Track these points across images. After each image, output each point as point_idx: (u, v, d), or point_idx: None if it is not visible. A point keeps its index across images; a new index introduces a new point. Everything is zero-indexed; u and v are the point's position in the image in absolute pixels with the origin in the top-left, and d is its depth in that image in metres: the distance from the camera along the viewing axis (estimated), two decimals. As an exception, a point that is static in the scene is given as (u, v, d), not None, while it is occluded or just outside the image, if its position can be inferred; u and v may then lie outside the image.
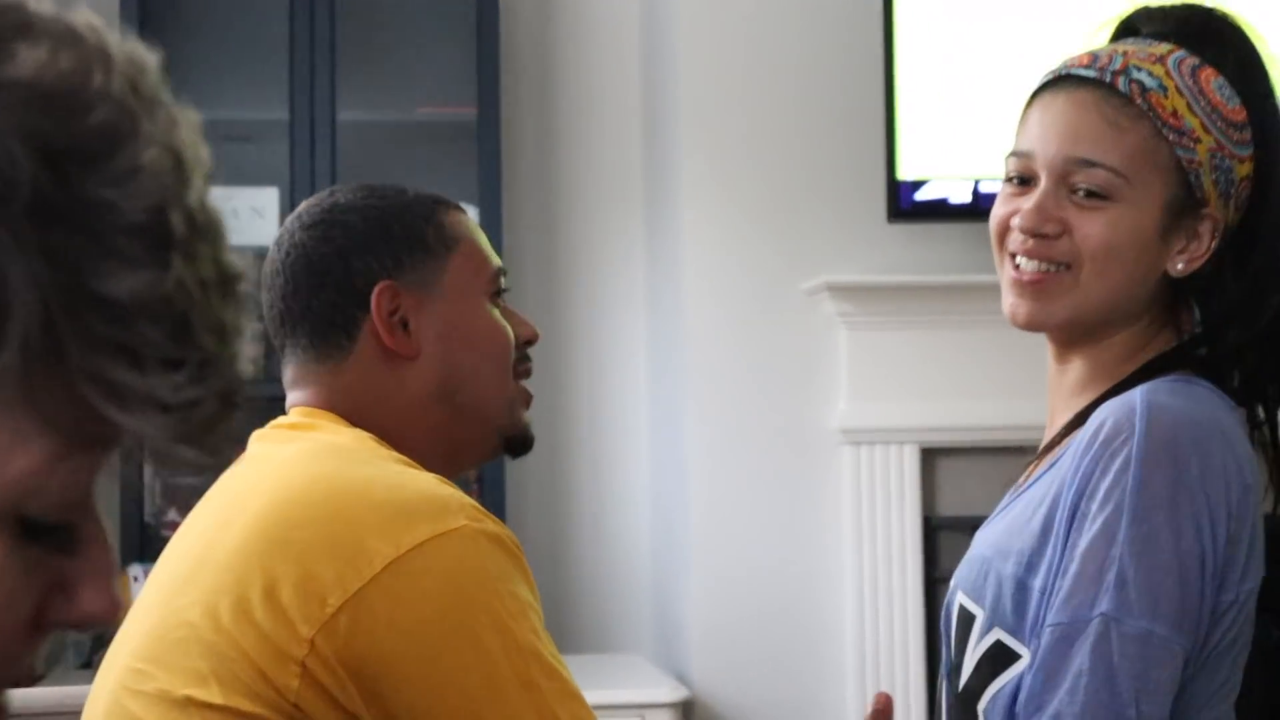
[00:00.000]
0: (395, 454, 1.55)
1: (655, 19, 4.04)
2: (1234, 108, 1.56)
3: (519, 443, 1.68)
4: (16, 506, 0.57)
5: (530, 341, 1.72)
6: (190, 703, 1.40)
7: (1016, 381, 2.28)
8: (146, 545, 3.67)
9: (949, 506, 3.67)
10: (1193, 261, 1.54)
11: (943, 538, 3.64)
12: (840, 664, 3.66)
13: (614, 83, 4.21)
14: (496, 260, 1.69)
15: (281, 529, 1.41)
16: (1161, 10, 1.63)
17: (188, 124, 0.60)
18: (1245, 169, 1.56)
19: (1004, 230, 1.58)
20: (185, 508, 3.71)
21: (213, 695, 1.38)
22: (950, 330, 3.57)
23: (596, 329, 4.18)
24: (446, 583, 1.39)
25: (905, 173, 3.59)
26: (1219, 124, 1.55)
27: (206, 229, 0.59)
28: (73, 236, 0.55)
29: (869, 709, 1.65)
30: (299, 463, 1.52)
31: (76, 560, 0.60)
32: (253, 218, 3.76)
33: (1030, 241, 1.54)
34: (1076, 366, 1.60)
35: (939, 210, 3.61)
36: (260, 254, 3.58)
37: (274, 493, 1.47)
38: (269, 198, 3.81)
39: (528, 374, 1.70)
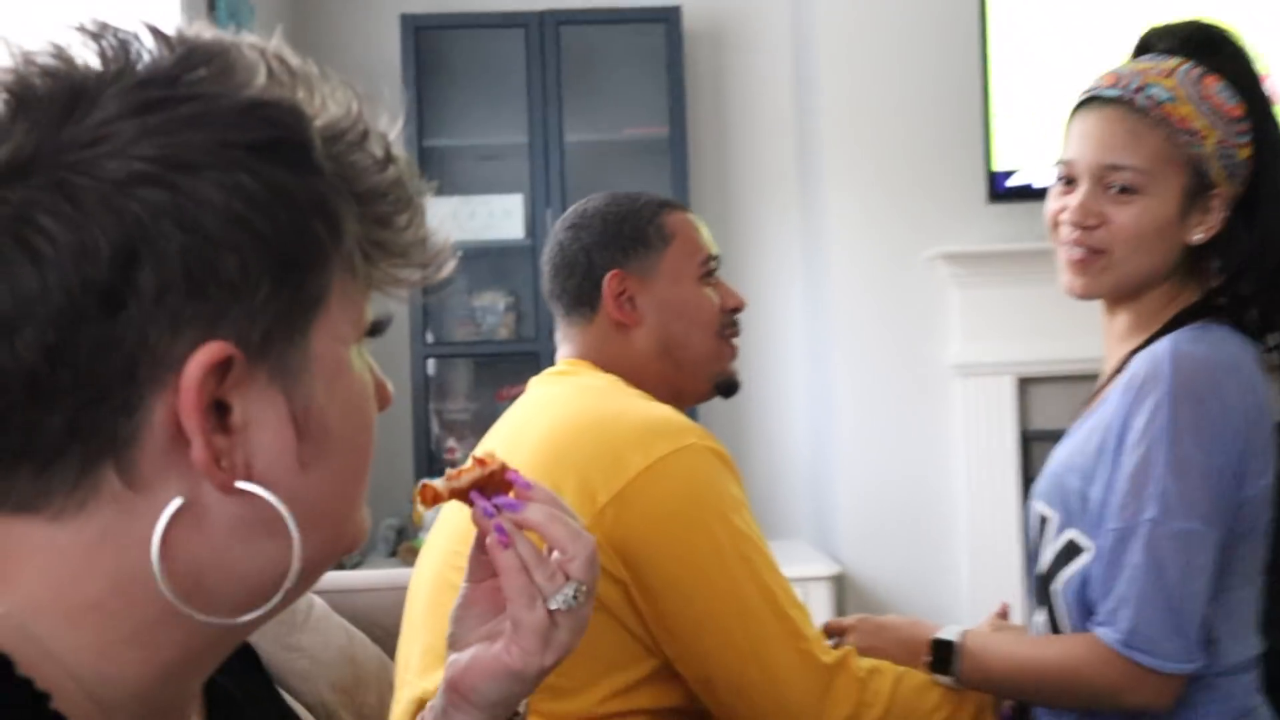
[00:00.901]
0: (638, 391, 1.69)
1: (803, 51, 4.39)
2: (1233, 105, 1.60)
3: (727, 387, 1.82)
4: (368, 327, 0.76)
5: (737, 309, 1.83)
6: None
7: (1087, 324, 2.04)
8: (431, 465, 4.17)
9: (1039, 422, 4.01)
10: (1208, 231, 1.61)
11: (1034, 448, 3.98)
12: (955, 547, 4.05)
13: (772, 103, 4.56)
14: (709, 248, 1.81)
15: (560, 448, 1.55)
16: (1169, 29, 1.69)
17: (355, 94, 0.74)
18: (1246, 152, 1.61)
19: (1056, 222, 1.66)
20: (460, 436, 4.32)
21: None
22: (1036, 286, 3.79)
23: (765, 293, 4.50)
24: (684, 485, 1.52)
25: (999, 164, 3.95)
26: (1221, 122, 1.59)
27: (394, 145, 0.75)
28: (355, 187, 0.73)
29: (995, 610, 1.81)
30: (568, 399, 1.66)
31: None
32: (504, 217, 4.23)
33: (1077, 232, 1.62)
34: (1121, 319, 1.67)
35: (1026, 193, 3.88)
36: (511, 245, 4.26)
37: (551, 422, 1.61)
38: (515, 203, 4.25)
39: (735, 334, 1.82)
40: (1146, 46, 1.71)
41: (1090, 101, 1.66)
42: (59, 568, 0.69)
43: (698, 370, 1.78)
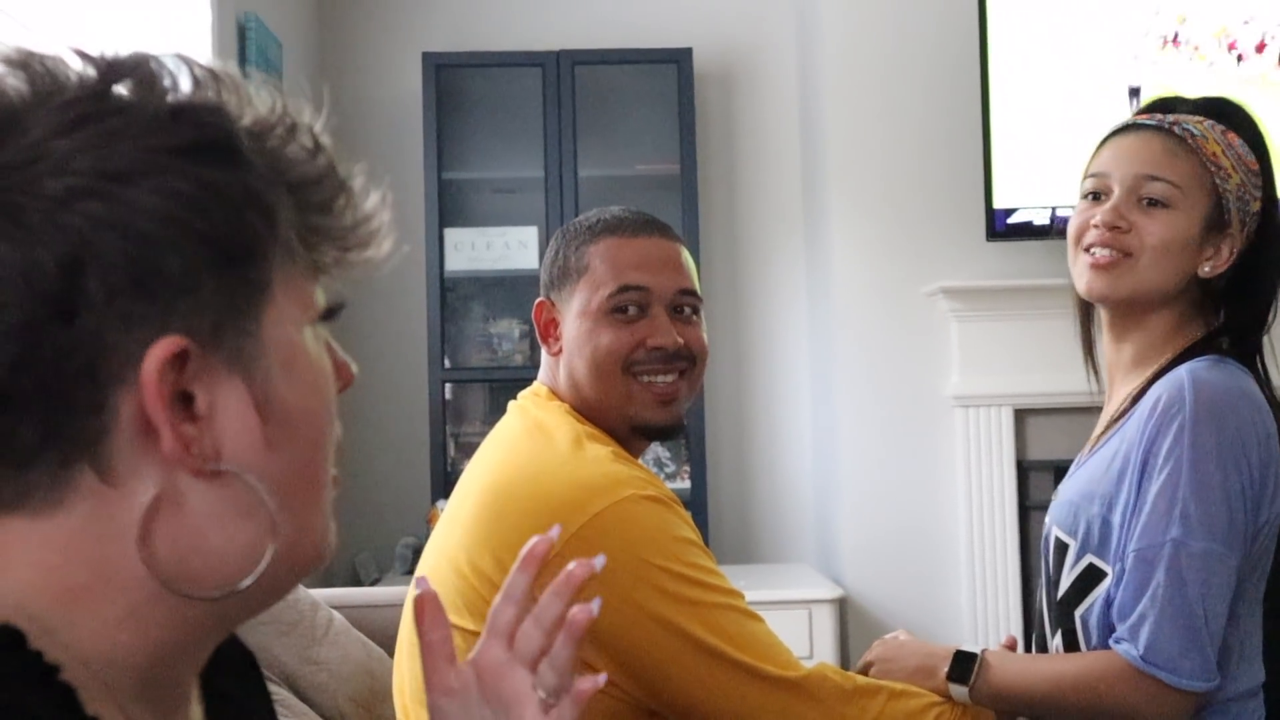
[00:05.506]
0: (587, 427, 1.64)
1: (809, 92, 4.46)
2: (1251, 160, 1.70)
3: (646, 431, 1.72)
4: (321, 311, 0.79)
5: (658, 348, 1.68)
6: (453, 626, 1.37)
7: (1081, 359, 1.97)
8: (447, 486, 4.07)
9: (1035, 452, 4.03)
10: (1216, 268, 1.67)
11: (1031, 476, 4.02)
12: (955, 571, 4.07)
13: (779, 142, 4.64)
14: (624, 280, 1.67)
15: (499, 505, 1.54)
16: (1185, 99, 1.77)
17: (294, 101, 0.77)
18: (1257, 205, 1.69)
19: (1082, 232, 1.69)
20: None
21: (466, 622, 1.48)
22: (1034, 320, 3.87)
23: (771, 325, 4.61)
24: (623, 538, 1.49)
25: (999, 203, 3.97)
26: (1243, 168, 1.68)
27: (322, 137, 0.78)
28: (287, 177, 0.76)
29: (1003, 642, 1.77)
30: (515, 445, 1.62)
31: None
32: (519, 249, 4.33)
33: (1107, 234, 1.66)
34: (1128, 347, 1.71)
35: (1025, 230, 3.93)
36: (526, 275, 4.25)
37: (494, 475, 1.58)
38: (530, 235, 4.34)
39: (656, 371, 1.70)
40: (1168, 108, 1.76)
41: (1125, 129, 1.72)
42: (45, 557, 0.71)
43: (607, 412, 1.68)
